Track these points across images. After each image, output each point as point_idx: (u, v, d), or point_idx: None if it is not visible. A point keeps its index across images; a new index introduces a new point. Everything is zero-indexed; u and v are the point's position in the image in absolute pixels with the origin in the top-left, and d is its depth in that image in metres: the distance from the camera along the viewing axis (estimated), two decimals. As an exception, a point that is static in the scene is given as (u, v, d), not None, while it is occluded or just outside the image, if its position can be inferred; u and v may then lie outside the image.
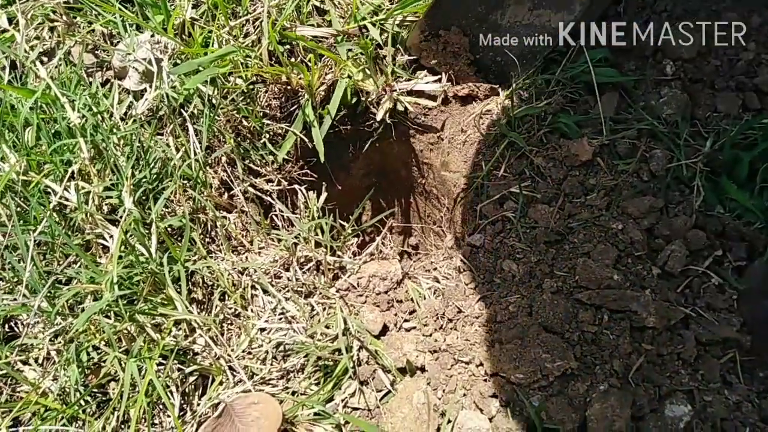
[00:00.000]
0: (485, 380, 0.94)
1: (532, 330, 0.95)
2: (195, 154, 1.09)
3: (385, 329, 1.03)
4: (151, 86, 1.11)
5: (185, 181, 1.07)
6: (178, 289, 0.95)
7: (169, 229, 1.04)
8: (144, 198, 1.03)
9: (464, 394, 0.93)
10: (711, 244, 1.03)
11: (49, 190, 1.01)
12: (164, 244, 0.99)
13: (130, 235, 0.96)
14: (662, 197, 1.06)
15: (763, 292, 0.99)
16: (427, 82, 1.21)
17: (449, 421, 0.90)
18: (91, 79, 1.21)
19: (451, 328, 1.02)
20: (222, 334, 0.99)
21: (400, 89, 1.22)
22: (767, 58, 1.15)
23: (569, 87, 1.17)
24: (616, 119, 1.15)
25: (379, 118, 1.21)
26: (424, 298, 1.08)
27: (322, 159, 1.15)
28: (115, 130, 1.05)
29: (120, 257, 0.94)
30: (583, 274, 1.00)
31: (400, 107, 1.22)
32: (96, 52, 1.29)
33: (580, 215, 1.06)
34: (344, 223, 1.13)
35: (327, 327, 0.98)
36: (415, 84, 1.21)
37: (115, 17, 1.23)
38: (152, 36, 1.18)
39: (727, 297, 1.00)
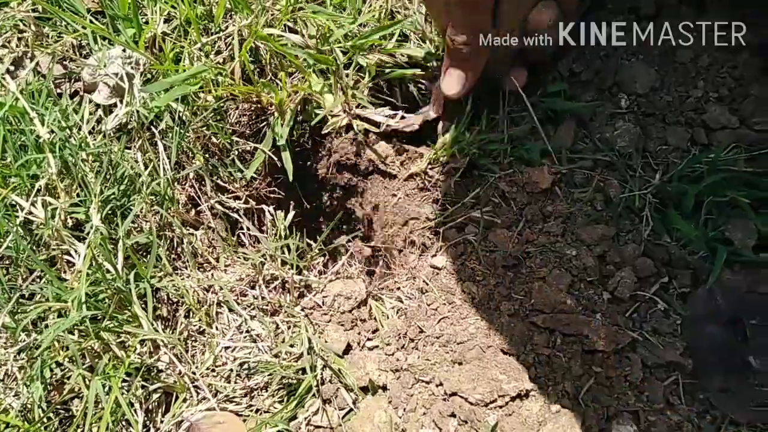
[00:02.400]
0: (444, 399, 0.98)
1: (490, 351, 0.99)
2: (164, 171, 1.10)
3: (348, 348, 1.05)
4: (121, 102, 1.12)
5: (153, 198, 1.08)
6: (144, 307, 0.96)
7: (135, 245, 1.05)
8: (111, 214, 1.04)
9: (424, 413, 0.97)
10: (658, 272, 1.09)
11: (15, 204, 1.01)
12: (130, 260, 1.00)
13: (97, 252, 0.97)
14: (614, 226, 1.12)
15: (706, 318, 1.06)
16: (386, 115, 1.24)
17: (409, 440, 0.93)
18: (59, 91, 1.21)
19: (412, 348, 1.05)
20: (186, 352, 1.00)
21: (358, 113, 1.25)
22: (714, 96, 1.22)
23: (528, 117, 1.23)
24: (573, 149, 1.20)
25: (324, 131, 1.23)
26: (388, 318, 1.11)
27: (291, 178, 1.17)
28: (84, 146, 1.05)
29: (86, 274, 0.94)
30: (539, 298, 1.05)
31: (357, 127, 1.25)
32: (65, 62, 1.29)
33: (538, 241, 1.11)
34: (312, 243, 1.16)
35: (291, 346, 1.00)
36: (371, 113, 1.24)
37: (86, 30, 1.23)
38: (124, 51, 1.18)
39: (672, 322, 1.06)
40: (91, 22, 1.22)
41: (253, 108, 1.24)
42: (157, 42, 1.23)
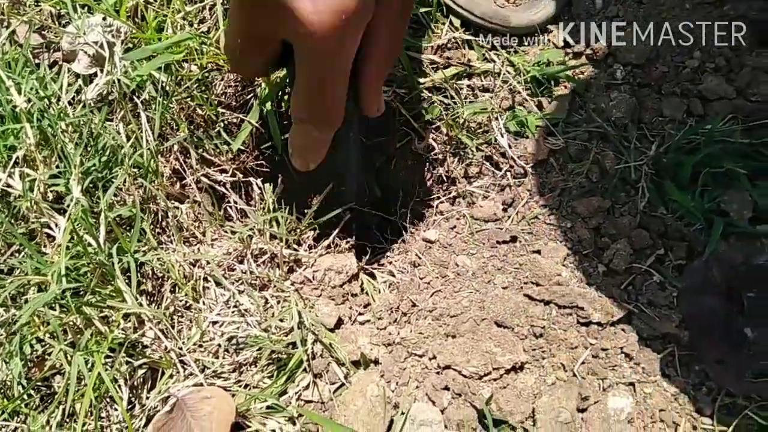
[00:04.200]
0: (438, 373, 0.96)
1: (484, 324, 0.98)
2: (147, 142, 1.06)
3: (339, 322, 1.03)
4: (101, 71, 1.08)
5: (136, 170, 1.05)
6: (128, 281, 0.93)
7: (118, 219, 1.01)
8: (92, 187, 1.00)
9: (417, 387, 0.95)
10: (653, 244, 1.08)
11: (-9, 176, 0.97)
12: (113, 234, 0.96)
13: (78, 225, 0.93)
14: (609, 198, 1.10)
15: (701, 290, 1.04)
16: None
17: (402, 414, 0.91)
18: (37, 61, 1.17)
19: (405, 322, 1.03)
20: (172, 327, 0.97)
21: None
22: (711, 66, 1.20)
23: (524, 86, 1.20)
24: (568, 121, 1.18)
25: None
26: (379, 292, 1.09)
27: (280, 150, 1.14)
28: (63, 116, 1.01)
29: (67, 248, 0.91)
30: (534, 271, 1.03)
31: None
32: (43, 32, 1.24)
33: (532, 213, 1.09)
34: (301, 216, 1.13)
35: (281, 320, 0.97)
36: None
37: (64, -3, 1.18)
38: (104, 19, 1.14)
39: (668, 294, 1.05)
40: (69, -11, 1.17)
41: (239, 78, 1.21)
42: (139, 10, 1.19)
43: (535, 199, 1.12)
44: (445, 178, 1.26)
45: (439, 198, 1.23)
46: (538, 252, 1.05)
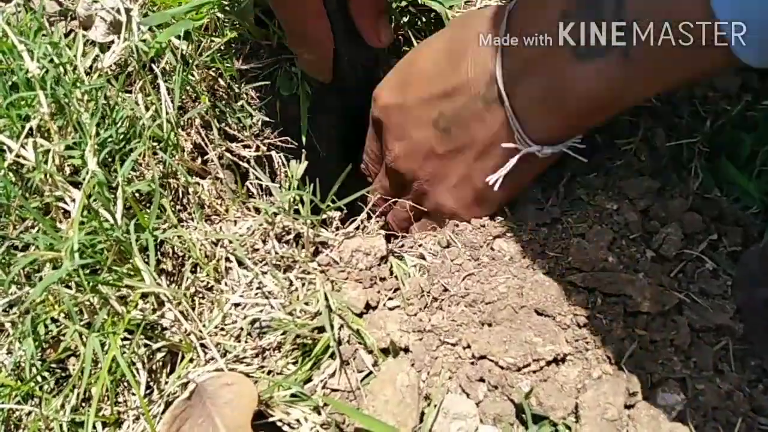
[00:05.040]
0: (472, 363, 0.89)
1: (523, 312, 0.91)
2: (167, 113, 1.01)
3: (368, 307, 0.97)
4: (119, 38, 1.02)
5: (155, 143, 0.99)
6: (146, 260, 0.88)
7: (136, 194, 0.96)
8: (109, 159, 0.95)
9: (450, 377, 0.89)
10: (706, 228, 1.00)
11: (4, 147, 0.92)
12: (131, 210, 0.91)
13: (94, 200, 0.88)
14: (659, 178, 1.02)
15: (757, 280, 0.96)
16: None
17: (434, 406, 0.85)
18: (53, 29, 1.11)
19: (436, 308, 0.97)
20: (193, 309, 0.92)
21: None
22: None
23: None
24: (616, 95, 1.10)
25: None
26: (409, 276, 1.02)
27: (305, 131, 1.08)
28: (78, 84, 0.96)
29: (82, 223, 0.86)
30: (577, 256, 0.95)
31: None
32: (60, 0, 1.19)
33: (576, 194, 1.02)
34: (324, 195, 1.07)
35: (307, 304, 0.92)
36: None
37: (81, -39, 1.12)
38: (122, -18, 1.08)
39: (722, 283, 0.97)
40: (86, -48, 1.11)
41: (265, 48, 1.14)
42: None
43: (579, 180, 1.04)
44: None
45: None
46: (582, 236, 0.98)
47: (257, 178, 1.09)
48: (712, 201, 1.01)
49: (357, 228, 1.09)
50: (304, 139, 1.07)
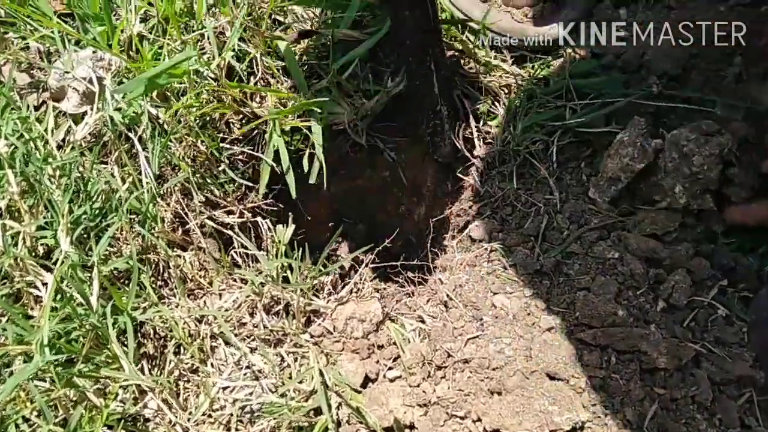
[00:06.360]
0: (484, 437, 0.83)
1: (534, 377, 0.85)
2: (145, 184, 0.95)
3: (367, 380, 0.91)
4: (92, 109, 0.98)
5: (133, 216, 0.94)
6: (125, 344, 0.81)
7: (113, 273, 0.90)
8: (84, 237, 0.89)
9: (461, 455, 0.82)
10: (714, 274, 0.96)
11: (-30, 231, 0.86)
12: (108, 290, 0.85)
13: (67, 283, 0.82)
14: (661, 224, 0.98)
15: (774, 324, 0.92)
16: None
17: (446, 489, 0.78)
18: (22, 102, 1.07)
19: (441, 377, 0.91)
20: (178, 395, 0.85)
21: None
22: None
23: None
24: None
25: (361, 141, 1.10)
26: (409, 342, 0.96)
27: (294, 195, 1.03)
28: (50, 160, 0.91)
29: (55, 309, 0.80)
30: (584, 310, 0.90)
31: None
32: (32, 71, 1.14)
33: (571, 247, 0.97)
34: (314, 260, 1.01)
35: (300, 382, 0.85)
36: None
37: (53, 32, 1.09)
38: (94, 52, 1.04)
39: (737, 330, 0.92)
40: (58, 23, 1.08)
41: (243, 112, 1.10)
42: (134, 43, 1.09)
43: (575, 227, 1.00)
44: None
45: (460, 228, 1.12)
46: (587, 289, 0.93)
47: (242, 245, 1.03)
48: (718, 245, 0.97)
49: (350, 291, 1.04)
50: (293, 192, 1.01)
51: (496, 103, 1.17)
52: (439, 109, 1.11)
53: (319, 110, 1.04)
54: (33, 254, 0.89)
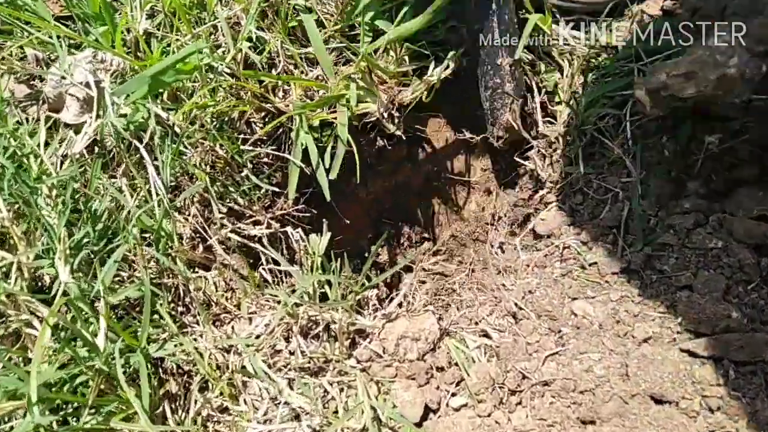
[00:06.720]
0: (578, 480, 0.67)
1: (636, 402, 0.69)
2: (155, 197, 0.83)
3: (427, 411, 0.76)
4: (91, 116, 0.86)
5: (144, 235, 0.81)
6: (139, 387, 0.68)
7: (126, 302, 0.78)
8: (88, 264, 0.77)
9: (551, 503, 0.67)
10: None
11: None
12: (122, 323, 0.73)
13: (68, 320, 0.70)
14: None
15: None
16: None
17: None
18: (25, 115, 0.96)
19: (516, 403, 0.75)
20: (206, 441, 0.72)
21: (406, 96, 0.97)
22: None
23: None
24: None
25: (397, 132, 0.96)
26: (474, 362, 0.81)
27: (328, 198, 0.89)
28: (44, 177, 0.79)
29: (55, 351, 0.68)
30: (689, 314, 0.74)
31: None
32: (31, 82, 1.04)
33: (663, 237, 0.81)
34: (356, 271, 0.87)
35: (349, 419, 0.71)
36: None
37: (52, 36, 0.98)
38: (94, 54, 0.93)
39: None
40: (56, 26, 0.97)
41: (264, 109, 0.97)
42: (140, 44, 0.97)
43: (660, 214, 0.83)
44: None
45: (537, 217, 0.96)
46: (689, 287, 0.76)
47: (272, 260, 0.90)
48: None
49: (399, 306, 0.89)
50: (327, 195, 0.87)
51: (559, 74, 1.00)
52: (495, 84, 0.95)
53: (346, 100, 0.91)
54: (35, 287, 0.78)
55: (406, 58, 1.01)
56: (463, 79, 1.01)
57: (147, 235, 0.83)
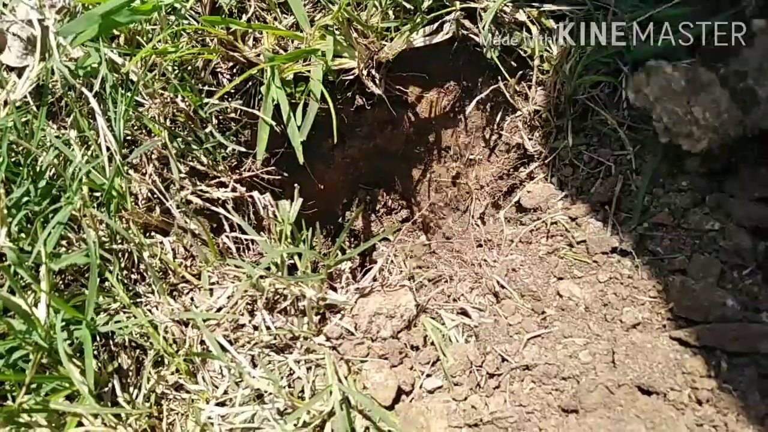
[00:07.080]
0: (558, 472, 0.63)
1: (622, 391, 0.65)
2: (108, 150, 0.75)
3: (399, 394, 0.71)
4: (34, 58, 0.77)
5: (94, 194, 0.74)
6: (82, 364, 0.62)
7: (72, 269, 0.71)
8: (28, 226, 0.69)
9: (528, 496, 0.63)
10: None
11: None
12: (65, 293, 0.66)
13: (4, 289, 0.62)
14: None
15: None
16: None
17: None
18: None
19: (494, 387, 0.71)
20: (160, 421, 0.66)
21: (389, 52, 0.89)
22: None
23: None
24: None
25: (377, 91, 0.88)
26: (451, 342, 0.76)
27: (301, 160, 0.82)
28: (-22, 126, 0.70)
29: (-13, 323, 0.60)
30: (682, 300, 0.69)
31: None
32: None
33: (658, 216, 0.76)
34: (329, 242, 0.81)
35: (315, 401, 0.66)
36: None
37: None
38: (40, -12, 0.82)
39: None
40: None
41: (232, 58, 0.88)
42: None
43: (665, 189, 0.78)
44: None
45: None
46: (682, 271, 0.72)
47: (237, 227, 0.83)
48: None
49: (374, 279, 0.83)
50: (300, 157, 0.79)
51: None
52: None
53: (321, 53, 0.82)
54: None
55: (390, 12, 0.93)
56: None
57: (97, 195, 0.75)
